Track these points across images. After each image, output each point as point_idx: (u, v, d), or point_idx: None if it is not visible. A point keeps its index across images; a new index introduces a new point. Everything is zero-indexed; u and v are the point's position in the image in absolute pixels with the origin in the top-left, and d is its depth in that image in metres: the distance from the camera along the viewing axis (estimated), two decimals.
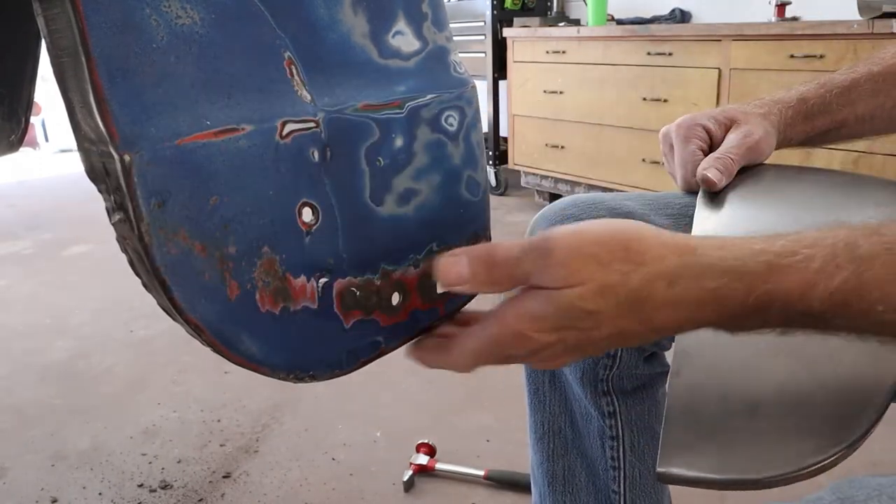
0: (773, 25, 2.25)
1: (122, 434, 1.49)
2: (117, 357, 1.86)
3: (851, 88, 0.71)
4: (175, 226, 0.37)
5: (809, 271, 0.37)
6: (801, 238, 0.39)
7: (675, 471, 0.40)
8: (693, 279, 0.39)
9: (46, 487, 1.31)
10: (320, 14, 0.45)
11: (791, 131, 0.72)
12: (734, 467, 0.40)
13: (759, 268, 0.38)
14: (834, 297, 0.37)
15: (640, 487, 0.73)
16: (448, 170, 0.52)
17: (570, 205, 0.70)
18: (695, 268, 0.39)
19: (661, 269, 0.39)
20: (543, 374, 0.75)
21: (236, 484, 1.31)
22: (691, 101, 2.45)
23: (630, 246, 0.40)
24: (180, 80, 0.37)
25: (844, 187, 0.67)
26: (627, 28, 2.70)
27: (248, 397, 1.61)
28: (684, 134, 0.70)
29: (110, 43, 0.35)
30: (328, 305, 0.45)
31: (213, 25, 0.39)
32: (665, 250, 0.40)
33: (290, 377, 0.43)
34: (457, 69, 0.54)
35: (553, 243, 0.41)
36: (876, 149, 2.02)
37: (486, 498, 1.25)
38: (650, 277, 0.39)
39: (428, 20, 0.52)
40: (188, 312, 0.38)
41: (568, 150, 2.97)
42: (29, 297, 2.34)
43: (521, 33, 3.08)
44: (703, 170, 0.65)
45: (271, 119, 0.41)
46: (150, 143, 0.36)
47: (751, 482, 0.39)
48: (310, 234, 0.43)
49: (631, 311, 0.40)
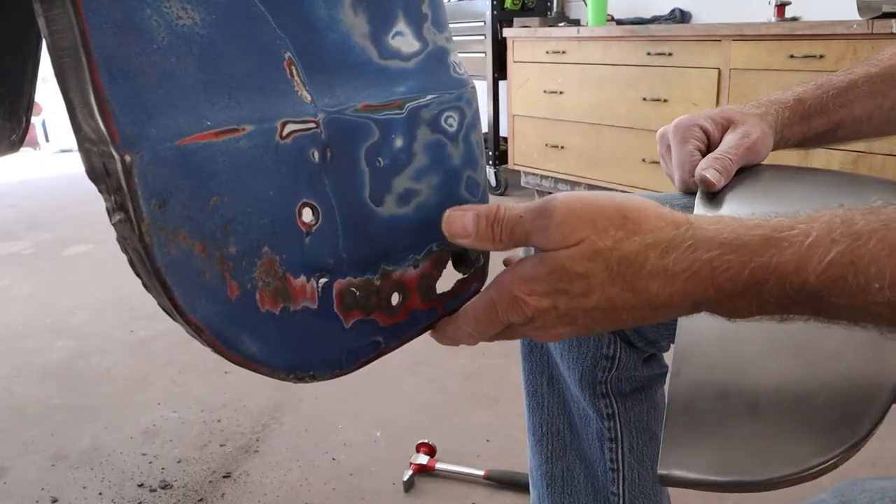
0: (773, 25, 2.25)
1: (123, 434, 1.49)
2: (117, 357, 1.86)
3: (849, 90, 0.71)
4: (175, 226, 0.37)
5: (804, 245, 0.37)
6: (797, 215, 0.39)
7: (677, 473, 0.40)
8: (687, 250, 0.39)
9: (47, 487, 1.31)
10: (320, 14, 0.45)
11: (788, 132, 0.72)
12: (735, 469, 0.40)
13: (753, 241, 0.38)
14: (829, 271, 0.36)
15: (638, 489, 0.73)
16: (448, 170, 0.52)
17: None
18: (689, 239, 0.39)
19: (655, 238, 0.40)
20: (542, 375, 0.75)
21: (236, 484, 1.31)
22: (691, 101, 2.45)
23: (628, 215, 0.41)
24: (181, 81, 0.37)
25: (843, 188, 0.67)
26: (627, 28, 2.70)
27: (248, 397, 1.61)
28: (681, 135, 0.70)
29: (111, 43, 0.35)
30: (328, 305, 0.45)
31: (213, 26, 0.39)
32: (661, 222, 0.40)
33: (291, 377, 0.44)
34: (457, 70, 0.54)
35: (553, 205, 0.42)
36: (875, 149, 2.02)
37: (486, 498, 1.26)
38: (643, 246, 0.39)
39: (428, 21, 0.52)
40: (188, 313, 0.38)
41: (568, 150, 2.97)
42: (29, 297, 2.34)
43: (521, 33, 3.08)
44: (702, 170, 0.65)
45: (271, 119, 0.41)
46: (151, 143, 0.36)
47: (752, 484, 0.39)
48: (310, 235, 0.44)
49: (622, 277, 0.40)
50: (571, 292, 0.41)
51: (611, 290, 0.40)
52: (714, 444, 0.42)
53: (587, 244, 0.40)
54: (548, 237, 0.41)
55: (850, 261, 0.35)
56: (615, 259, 0.40)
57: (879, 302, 0.35)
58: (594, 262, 0.40)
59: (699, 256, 0.38)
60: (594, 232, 0.40)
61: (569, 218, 0.41)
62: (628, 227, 0.40)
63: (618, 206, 0.41)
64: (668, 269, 0.39)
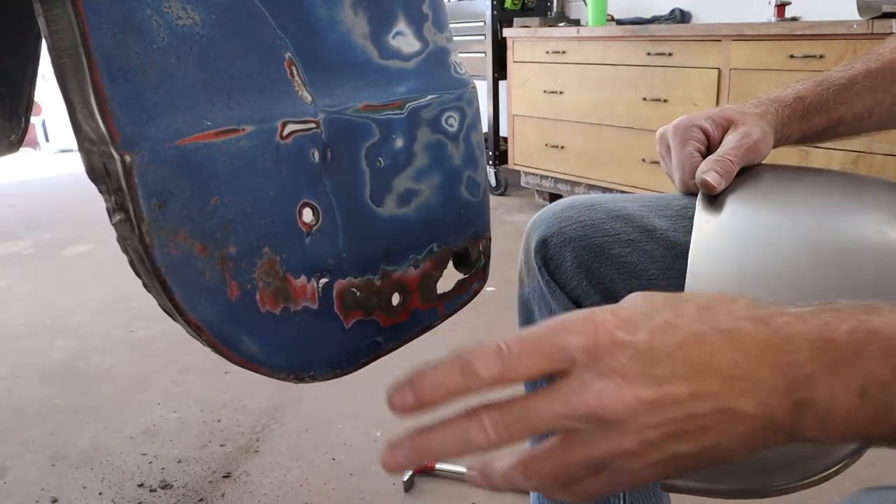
0: (773, 25, 2.25)
1: (123, 434, 1.49)
2: (117, 357, 1.86)
3: (849, 86, 0.71)
4: (176, 226, 0.37)
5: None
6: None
7: (681, 481, 0.39)
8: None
9: (47, 487, 1.31)
10: (321, 15, 0.45)
11: (788, 130, 0.71)
12: (738, 477, 0.39)
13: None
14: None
15: (639, 492, 0.73)
16: (448, 170, 0.52)
17: (567, 207, 0.70)
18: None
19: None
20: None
21: (236, 484, 1.31)
22: (691, 101, 2.45)
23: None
24: (181, 81, 0.37)
25: (845, 189, 0.66)
26: (627, 28, 2.70)
27: (248, 397, 1.61)
28: (681, 136, 0.70)
29: (111, 43, 0.35)
30: (328, 306, 0.45)
31: (213, 26, 0.39)
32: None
33: (291, 377, 0.44)
34: (457, 70, 0.54)
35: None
36: (875, 149, 2.02)
37: (486, 498, 1.25)
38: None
39: (428, 21, 0.52)
40: (189, 313, 0.38)
41: (568, 150, 2.97)
42: (29, 297, 2.34)
43: (521, 33, 3.08)
44: (702, 173, 0.64)
45: (272, 119, 0.41)
46: (151, 143, 0.36)
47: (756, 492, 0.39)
48: (310, 235, 0.43)
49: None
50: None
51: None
52: None
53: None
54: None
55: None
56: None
57: None
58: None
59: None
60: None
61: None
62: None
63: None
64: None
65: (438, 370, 0.37)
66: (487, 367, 0.36)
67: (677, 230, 0.67)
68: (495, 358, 0.36)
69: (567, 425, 0.35)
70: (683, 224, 0.67)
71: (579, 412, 0.34)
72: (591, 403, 0.34)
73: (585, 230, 0.68)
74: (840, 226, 0.59)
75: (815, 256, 0.54)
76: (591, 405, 0.34)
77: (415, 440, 0.37)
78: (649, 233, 0.68)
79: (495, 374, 0.36)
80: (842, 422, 0.33)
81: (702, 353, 0.34)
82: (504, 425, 0.36)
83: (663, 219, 0.68)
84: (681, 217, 0.68)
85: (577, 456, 0.36)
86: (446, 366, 0.37)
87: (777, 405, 0.34)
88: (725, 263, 0.55)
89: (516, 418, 0.36)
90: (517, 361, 0.35)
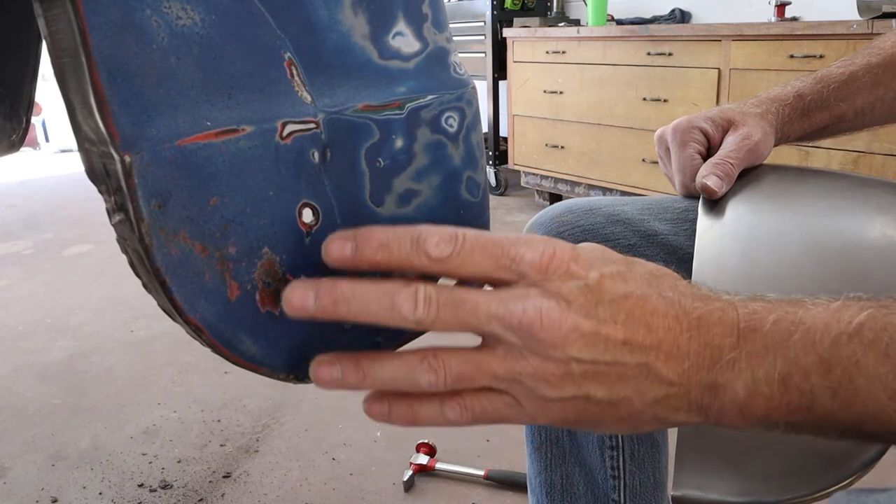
0: (773, 25, 2.25)
1: (123, 434, 1.49)
2: (117, 357, 1.86)
3: (850, 82, 0.70)
4: (175, 226, 0.37)
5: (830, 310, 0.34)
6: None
7: (691, 494, 0.39)
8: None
9: (47, 487, 1.31)
10: (320, 15, 0.45)
11: (789, 128, 0.71)
12: (751, 489, 0.39)
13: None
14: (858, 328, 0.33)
15: (640, 496, 0.72)
16: (448, 170, 0.52)
17: (565, 211, 0.69)
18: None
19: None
20: None
21: (236, 484, 1.31)
22: (691, 101, 2.45)
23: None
24: (181, 81, 0.37)
25: (847, 190, 0.66)
26: (627, 28, 2.70)
27: (248, 397, 1.61)
28: (681, 137, 0.68)
29: (111, 44, 0.35)
30: None
31: (213, 26, 0.39)
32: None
33: (291, 378, 0.43)
34: (457, 70, 0.54)
35: None
36: (875, 148, 2.02)
37: (486, 498, 1.25)
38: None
39: (428, 21, 0.52)
40: (188, 313, 0.38)
41: (568, 150, 2.97)
42: (29, 297, 2.34)
43: (521, 33, 3.08)
44: (703, 177, 0.63)
45: (272, 120, 0.41)
46: (151, 143, 0.36)
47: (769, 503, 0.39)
48: (310, 235, 0.43)
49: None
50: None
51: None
52: (728, 462, 0.41)
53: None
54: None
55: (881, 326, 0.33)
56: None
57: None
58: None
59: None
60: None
61: None
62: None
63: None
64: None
65: (390, 232, 0.36)
66: (438, 248, 0.35)
67: (678, 234, 0.67)
68: (448, 242, 0.35)
69: (496, 331, 0.35)
70: (684, 228, 0.66)
71: (514, 320, 0.34)
72: (531, 315, 0.34)
73: (584, 235, 0.67)
74: (845, 229, 0.58)
75: (820, 260, 0.54)
76: (530, 317, 0.34)
77: (338, 293, 0.36)
78: (649, 237, 0.67)
79: (443, 257, 0.35)
80: (762, 409, 0.34)
81: (643, 310, 0.35)
82: (436, 302, 0.35)
83: (664, 222, 0.68)
84: (682, 220, 0.67)
85: (493, 365, 0.35)
86: (398, 231, 0.36)
87: (696, 381, 0.35)
88: (730, 269, 0.54)
89: (450, 301, 0.35)
90: (468, 254, 0.35)
